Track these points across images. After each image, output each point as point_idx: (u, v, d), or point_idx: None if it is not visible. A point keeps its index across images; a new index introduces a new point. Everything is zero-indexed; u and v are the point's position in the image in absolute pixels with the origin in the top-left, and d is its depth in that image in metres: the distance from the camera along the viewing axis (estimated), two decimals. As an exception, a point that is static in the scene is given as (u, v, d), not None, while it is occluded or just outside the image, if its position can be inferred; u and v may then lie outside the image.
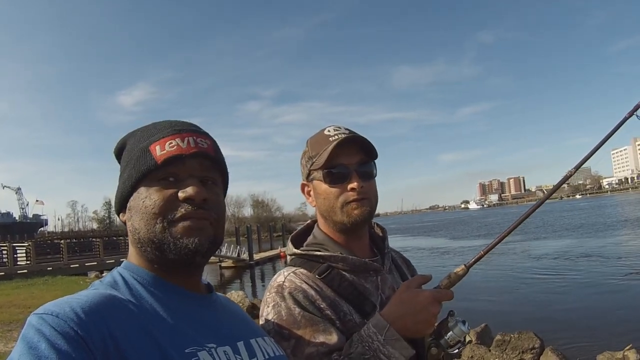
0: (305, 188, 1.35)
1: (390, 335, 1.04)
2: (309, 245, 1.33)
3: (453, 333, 1.08)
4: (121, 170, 0.96)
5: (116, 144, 1.01)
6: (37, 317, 0.69)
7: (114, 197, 0.97)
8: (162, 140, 0.91)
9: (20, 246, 25.89)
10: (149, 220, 0.87)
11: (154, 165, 0.89)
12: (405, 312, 1.06)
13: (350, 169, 1.24)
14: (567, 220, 45.33)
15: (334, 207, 1.26)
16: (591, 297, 13.21)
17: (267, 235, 61.47)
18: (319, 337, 1.10)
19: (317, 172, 1.27)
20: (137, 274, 0.88)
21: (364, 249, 1.34)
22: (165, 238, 0.86)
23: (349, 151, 1.25)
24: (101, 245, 28.94)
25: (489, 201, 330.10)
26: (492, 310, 11.91)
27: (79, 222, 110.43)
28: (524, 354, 7.46)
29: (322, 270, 1.23)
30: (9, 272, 21.58)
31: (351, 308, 1.19)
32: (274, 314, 1.15)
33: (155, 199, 0.87)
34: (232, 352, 0.86)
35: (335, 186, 1.25)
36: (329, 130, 1.28)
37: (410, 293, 1.08)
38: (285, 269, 1.27)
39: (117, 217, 0.99)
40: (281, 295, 1.17)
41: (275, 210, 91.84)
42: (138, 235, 0.88)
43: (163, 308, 0.83)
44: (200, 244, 0.88)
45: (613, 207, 68.13)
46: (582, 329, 9.98)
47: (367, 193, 1.25)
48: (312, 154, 1.29)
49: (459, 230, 51.92)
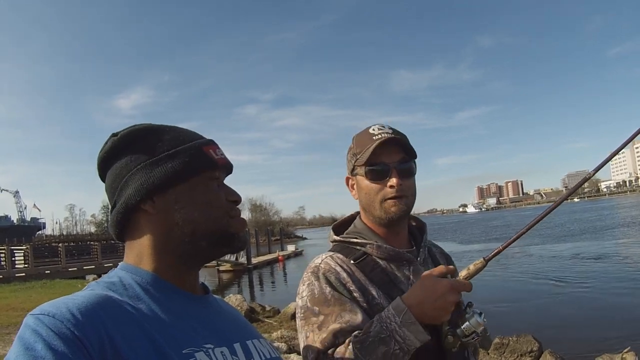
0: (350, 181, 1.44)
1: (407, 319, 1.09)
2: (349, 234, 1.41)
3: (469, 323, 1.13)
4: (150, 157, 0.90)
5: (127, 131, 0.94)
6: (34, 318, 0.69)
7: (133, 185, 0.89)
8: (211, 146, 0.97)
9: (18, 249, 25.73)
10: (214, 213, 0.92)
11: (213, 165, 0.94)
12: (424, 298, 1.10)
13: (390, 167, 1.31)
14: (567, 223, 45.30)
15: (373, 202, 1.33)
16: (589, 299, 13.21)
17: (265, 239, 61.57)
18: (345, 315, 1.19)
19: (360, 168, 1.35)
20: (136, 274, 0.87)
21: (402, 241, 1.40)
22: (231, 231, 0.94)
23: (390, 150, 1.32)
24: (99, 249, 28.72)
25: (487, 205, 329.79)
26: (490, 313, 11.72)
27: (77, 225, 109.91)
28: (522, 357, 7.46)
29: (357, 256, 1.32)
30: (6, 276, 21.41)
31: (380, 293, 1.26)
32: (308, 292, 1.26)
33: (219, 195, 0.94)
34: (229, 353, 0.86)
35: (376, 182, 1.33)
36: (374, 129, 1.35)
37: (431, 280, 1.13)
38: (324, 253, 1.36)
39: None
40: (316, 276, 1.27)
41: (274, 215, 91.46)
42: (193, 226, 0.89)
43: (160, 308, 0.83)
44: (246, 241, 1.03)
45: (612, 210, 68.20)
46: (580, 331, 9.99)
47: (405, 190, 1.32)
48: (356, 150, 1.36)
49: (466, 234, 51.51)
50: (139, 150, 0.92)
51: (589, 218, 53.08)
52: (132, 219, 0.91)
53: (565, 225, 42.87)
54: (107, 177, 0.95)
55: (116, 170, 0.92)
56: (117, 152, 0.93)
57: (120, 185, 0.91)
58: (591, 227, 38.89)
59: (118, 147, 0.93)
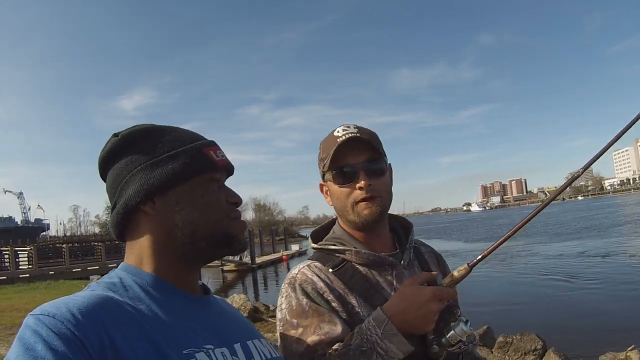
0: (324, 188, 1.37)
1: (388, 330, 1.05)
2: (328, 240, 1.35)
3: (455, 332, 1.08)
4: (151, 159, 0.90)
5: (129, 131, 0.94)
6: (34, 318, 0.69)
7: (133, 186, 0.89)
8: (212, 147, 0.97)
9: (22, 250, 25.92)
10: (214, 214, 0.92)
11: (214, 166, 0.95)
12: (406, 308, 1.07)
13: (357, 168, 1.25)
14: (572, 221, 45.15)
15: (345, 206, 1.28)
16: (593, 297, 13.18)
17: (269, 238, 61.26)
18: (324, 327, 1.14)
19: (328, 173, 1.30)
20: (136, 275, 0.87)
21: (384, 243, 1.34)
22: (231, 233, 0.94)
23: (356, 150, 1.25)
24: (103, 249, 28.90)
25: (491, 203, 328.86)
26: (494, 312, 11.86)
27: (81, 226, 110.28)
28: (526, 356, 7.43)
29: (336, 263, 1.26)
30: (11, 277, 21.57)
31: (361, 301, 1.20)
32: (286, 304, 1.21)
33: (219, 196, 0.95)
34: (230, 354, 0.86)
35: (345, 186, 1.27)
36: (338, 131, 1.28)
37: (412, 289, 1.09)
38: (301, 263, 1.31)
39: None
40: (292, 287, 1.22)
41: (277, 214, 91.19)
42: (193, 228, 0.89)
43: (161, 309, 0.83)
44: (246, 243, 1.02)
45: (617, 207, 67.95)
46: (584, 329, 9.95)
47: (376, 191, 1.25)
48: (323, 155, 1.31)
49: (472, 233, 51.13)
50: (140, 151, 0.92)
51: (595, 216, 52.81)
52: (133, 220, 0.91)
53: (570, 223, 42.69)
54: (107, 177, 0.95)
55: (117, 171, 0.92)
56: (118, 153, 0.93)
57: (121, 186, 0.91)
58: (597, 225, 38.72)
59: (118, 148, 0.93)
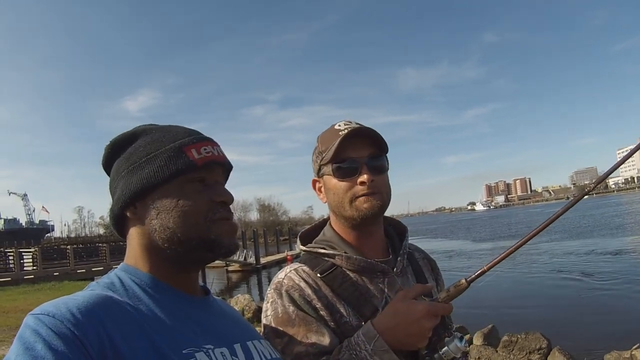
0: (317, 184, 1.32)
1: (379, 346, 1.01)
2: (317, 243, 1.30)
3: (448, 349, 1.03)
4: (131, 164, 0.92)
5: (117, 137, 0.97)
6: (34, 318, 0.70)
7: (117, 192, 0.92)
8: (197, 144, 0.93)
9: (27, 252, 25.92)
10: (191, 218, 0.88)
11: (193, 166, 0.90)
12: (398, 324, 1.02)
13: (359, 163, 1.20)
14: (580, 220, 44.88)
15: (342, 201, 1.21)
16: (598, 296, 13.14)
17: (274, 239, 61.38)
18: (311, 337, 1.08)
19: (327, 166, 1.23)
20: (134, 275, 0.88)
21: (377, 247, 1.28)
22: (211, 237, 0.89)
23: (359, 145, 1.21)
24: (107, 250, 28.88)
25: (496, 202, 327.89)
26: (499, 311, 11.85)
27: (86, 227, 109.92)
28: (531, 355, 7.41)
29: (324, 268, 1.20)
30: (15, 278, 21.62)
31: (350, 310, 1.14)
32: (272, 311, 1.15)
33: (196, 199, 0.90)
34: (229, 354, 0.86)
35: (345, 180, 1.21)
36: (339, 125, 1.24)
37: (405, 304, 1.04)
38: (289, 266, 1.25)
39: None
40: (279, 293, 1.16)
41: (282, 214, 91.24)
42: (169, 233, 0.87)
43: (160, 309, 0.83)
44: (237, 244, 0.96)
45: (623, 206, 67.53)
46: (589, 328, 9.93)
47: (377, 187, 1.20)
48: (322, 148, 1.25)
49: (479, 232, 50.80)
50: (125, 156, 0.95)
51: (603, 214, 52.50)
52: (125, 223, 0.95)
53: (578, 221, 42.43)
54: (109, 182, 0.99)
55: (110, 178, 0.97)
56: (109, 161, 0.98)
57: (112, 192, 0.95)
58: (605, 224, 38.54)
59: (109, 156, 0.98)
